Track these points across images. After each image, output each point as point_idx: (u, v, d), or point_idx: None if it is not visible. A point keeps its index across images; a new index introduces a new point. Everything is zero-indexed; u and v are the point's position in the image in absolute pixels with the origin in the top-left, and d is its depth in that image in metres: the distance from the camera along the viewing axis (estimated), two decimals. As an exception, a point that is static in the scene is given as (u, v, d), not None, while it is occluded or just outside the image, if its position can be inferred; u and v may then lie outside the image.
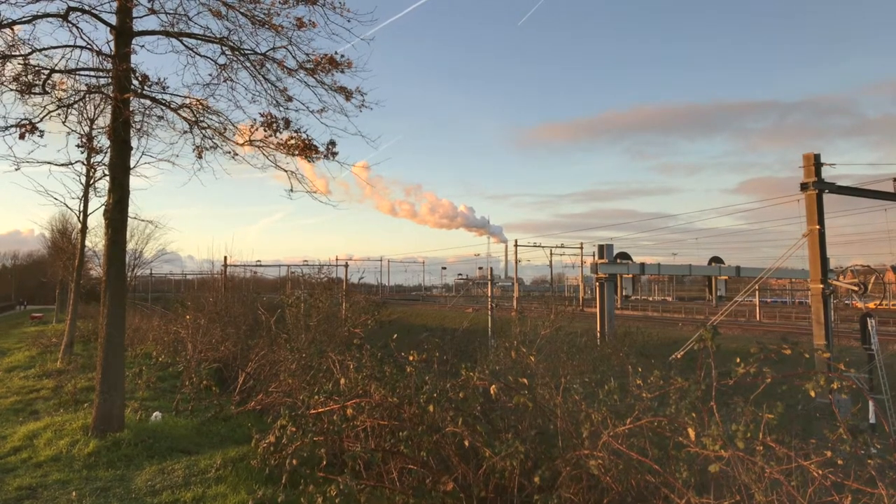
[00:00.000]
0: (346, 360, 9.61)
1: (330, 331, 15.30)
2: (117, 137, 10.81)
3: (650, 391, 6.37)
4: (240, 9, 10.81)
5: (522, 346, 10.03)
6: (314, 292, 18.25)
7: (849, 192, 18.71)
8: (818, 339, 16.97)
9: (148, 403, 13.98)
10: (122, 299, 11.24)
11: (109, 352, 10.85)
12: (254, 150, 11.44)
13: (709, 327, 5.81)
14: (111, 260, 11.01)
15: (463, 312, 60.42)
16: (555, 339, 16.36)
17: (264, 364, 14.71)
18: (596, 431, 6.43)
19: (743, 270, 27.93)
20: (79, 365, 21.10)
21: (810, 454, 5.00)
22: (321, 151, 11.09)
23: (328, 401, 8.12)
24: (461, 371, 7.70)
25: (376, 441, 7.73)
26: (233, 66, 11.30)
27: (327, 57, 11.30)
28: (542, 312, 20.10)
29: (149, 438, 10.55)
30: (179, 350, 19.10)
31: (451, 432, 7.09)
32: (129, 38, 10.68)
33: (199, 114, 11.41)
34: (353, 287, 35.18)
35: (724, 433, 5.21)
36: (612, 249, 24.66)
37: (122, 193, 11.06)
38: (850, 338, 28.31)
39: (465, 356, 13.21)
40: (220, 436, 11.60)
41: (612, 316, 23.96)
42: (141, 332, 27.39)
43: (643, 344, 19.18)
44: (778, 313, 63.02)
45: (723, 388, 5.78)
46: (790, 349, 5.84)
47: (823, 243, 17.25)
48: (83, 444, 10.36)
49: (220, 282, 36.66)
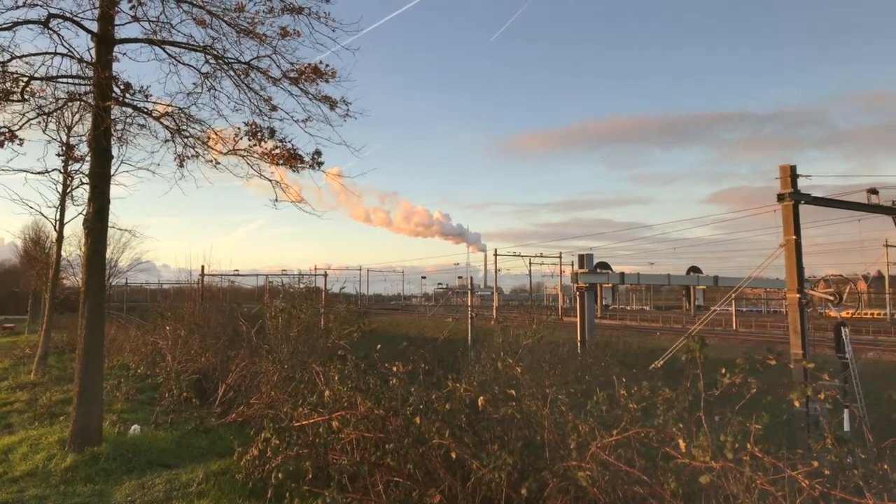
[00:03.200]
0: (329, 371, 9.55)
1: (311, 341, 15.18)
2: (98, 146, 10.67)
3: (637, 402, 6.39)
4: (224, 17, 10.74)
5: (506, 356, 10.03)
6: (295, 302, 18.10)
7: (824, 203, 19.01)
8: (795, 348, 17.15)
9: (126, 416, 13.74)
10: (101, 310, 11.07)
11: (87, 363, 10.66)
12: (237, 159, 11.36)
13: (696, 337, 5.87)
14: (91, 269, 10.84)
15: (443, 322, 60.33)
16: (537, 349, 16.39)
17: (245, 375, 14.55)
18: (583, 442, 6.44)
19: (721, 280, 28.26)
20: (53, 377, 20.71)
21: (797, 464, 5.05)
22: (306, 161, 11.03)
23: (313, 413, 8.06)
24: (446, 382, 7.69)
25: (362, 454, 7.67)
26: (216, 74, 11.23)
27: (311, 66, 11.28)
28: (523, 322, 20.13)
29: (128, 452, 10.37)
30: (158, 361, 18.84)
31: (438, 444, 7.07)
32: (111, 45, 10.57)
33: (181, 122, 11.30)
34: (334, 297, 35.00)
35: (713, 444, 5.25)
36: (592, 259, 24.86)
37: (103, 202, 10.90)
38: (824, 346, 28.71)
39: (447, 366, 13.18)
40: (201, 449, 11.42)
41: (593, 325, 24.10)
42: (117, 343, 26.95)
43: (624, 353, 19.27)
44: (754, 322, 63.79)
45: (708, 399, 5.82)
46: (775, 360, 5.92)
47: (800, 254, 17.49)
48: (60, 458, 10.15)
49: (198, 292, 36.23)
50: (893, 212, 19.99)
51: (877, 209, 19.69)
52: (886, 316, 64.96)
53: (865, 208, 19.44)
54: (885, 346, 37.55)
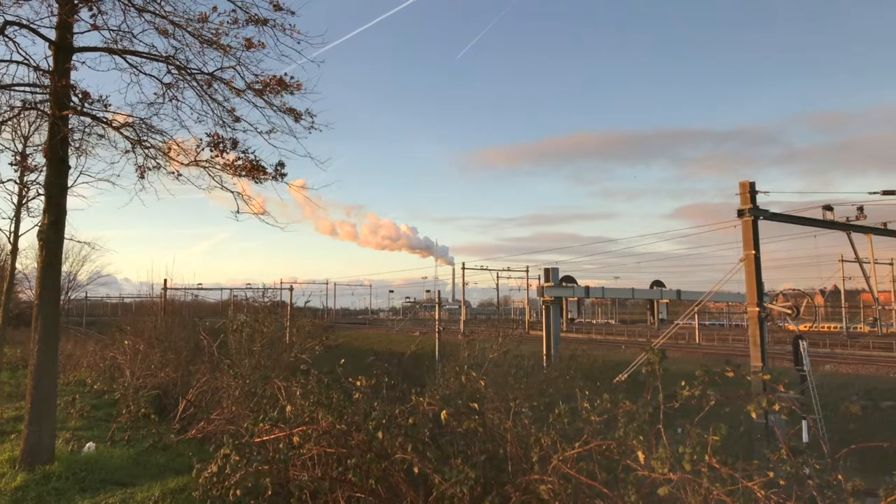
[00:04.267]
0: (291, 386, 9.41)
1: (275, 356, 14.99)
2: (54, 156, 10.42)
3: (599, 414, 6.43)
4: (187, 28, 10.61)
5: (471, 369, 10.02)
6: (258, 317, 17.86)
7: (782, 218, 19.49)
8: (755, 360, 17.49)
9: (81, 433, 13.33)
10: (55, 324, 10.75)
11: (40, 380, 10.33)
12: (199, 171, 11.20)
13: (656, 350, 5.93)
14: (45, 283, 10.54)
15: (410, 336, 60.09)
16: (502, 363, 16.43)
17: (206, 391, 14.28)
18: (545, 456, 6.45)
19: (683, 294, 28.71)
20: (5, 393, 20.01)
21: (753, 475, 5.12)
22: (269, 173, 10.92)
23: (274, 428, 7.92)
24: (410, 396, 7.64)
25: (323, 469, 7.55)
26: (179, 85, 11.07)
27: (276, 78, 11.19)
28: (490, 335, 20.15)
29: (81, 471, 10.06)
30: (116, 377, 18.38)
31: (401, 459, 7.01)
32: (69, 54, 10.35)
33: (142, 133, 11.12)
34: (299, 311, 34.62)
35: (672, 455, 5.29)
36: (557, 273, 25.04)
37: (59, 214, 10.63)
38: (782, 359, 29.31)
39: (413, 380, 13.12)
40: (158, 466, 11.15)
41: (559, 339, 24.24)
42: (74, 359, 26.22)
43: (589, 367, 19.43)
44: (716, 335, 64.94)
45: (668, 412, 5.88)
46: (733, 372, 6.02)
47: (759, 268, 17.87)
48: (10, 477, 9.79)
49: (160, 305, 35.56)
50: (847, 228, 20.62)
51: (832, 225, 20.28)
52: (842, 329, 66.61)
53: (821, 224, 19.99)
54: (841, 358, 38.53)
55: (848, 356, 40.42)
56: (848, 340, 52.02)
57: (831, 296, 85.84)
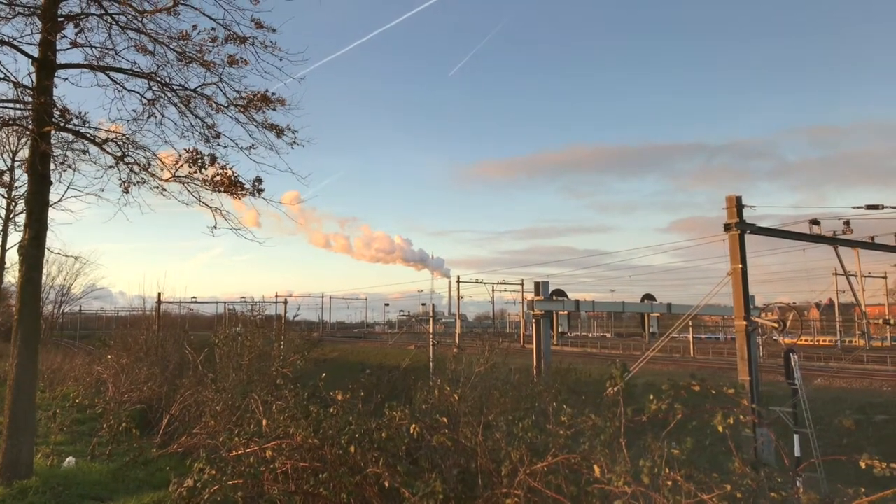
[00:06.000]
0: (271, 400, 9.42)
1: (264, 370, 14.98)
2: (35, 171, 10.47)
3: (566, 428, 6.45)
4: (169, 45, 10.74)
5: (456, 383, 10.04)
6: (247, 331, 17.85)
7: (768, 232, 19.56)
8: (742, 374, 17.50)
9: (62, 448, 13.30)
10: (35, 339, 10.76)
11: (19, 394, 10.32)
12: (180, 186, 11.25)
13: (619, 365, 5.97)
14: (24, 298, 10.57)
15: (405, 349, 59.91)
16: (489, 377, 16.40)
17: (190, 405, 14.25)
18: (514, 469, 6.47)
19: (674, 307, 28.69)
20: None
21: (712, 487, 5.15)
22: (247, 188, 10.99)
23: (249, 442, 7.93)
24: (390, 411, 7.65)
25: (296, 483, 7.55)
26: (161, 101, 11.18)
27: (259, 94, 11.30)
28: (480, 349, 20.11)
29: (59, 486, 10.03)
30: (101, 391, 18.32)
31: (373, 473, 7.01)
32: (51, 70, 10.45)
33: (125, 148, 11.18)
34: (291, 324, 34.56)
35: (630, 469, 5.32)
36: (547, 287, 25.01)
37: (40, 228, 10.67)
38: (775, 373, 29.29)
39: (400, 395, 13.10)
40: (137, 481, 11.12)
41: (549, 352, 24.17)
42: (62, 373, 26.10)
43: (576, 380, 19.41)
44: (711, 349, 64.79)
45: (636, 427, 5.91)
46: (699, 385, 6.06)
47: (745, 281, 17.91)
48: (-13, 492, 9.76)
49: (153, 319, 35.52)
50: (834, 242, 20.70)
51: (818, 239, 20.36)
52: (836, 343, 66.62)
53: (807, 238, 20.07)
54: (834, 372, 38.49)
55: (841, 370, 40.39)
56: (842, 354, 52.04)
57: (826, 310, 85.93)
